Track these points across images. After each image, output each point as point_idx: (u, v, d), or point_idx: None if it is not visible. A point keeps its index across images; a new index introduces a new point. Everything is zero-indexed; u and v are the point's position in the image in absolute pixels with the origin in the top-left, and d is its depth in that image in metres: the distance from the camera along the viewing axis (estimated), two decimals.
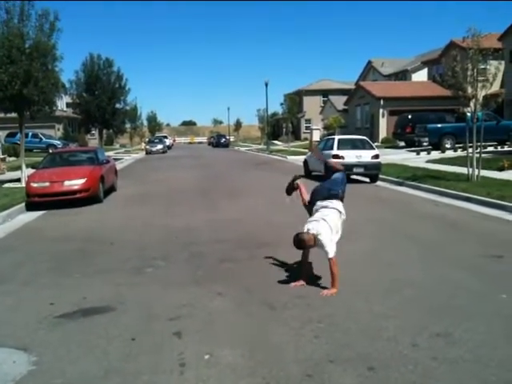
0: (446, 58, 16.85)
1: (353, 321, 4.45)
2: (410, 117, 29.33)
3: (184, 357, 3.85)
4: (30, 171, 14.40)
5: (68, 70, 53.45)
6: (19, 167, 17.65)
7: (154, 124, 77.84)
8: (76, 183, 12.16)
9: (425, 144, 26.21)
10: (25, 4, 15.30)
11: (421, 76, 42.20)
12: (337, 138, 17.35)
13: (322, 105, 55.19)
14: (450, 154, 22.65)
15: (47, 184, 12.06)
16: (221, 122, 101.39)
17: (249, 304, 4.99)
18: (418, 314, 4.60)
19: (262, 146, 49.45)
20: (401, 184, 14.57)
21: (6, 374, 3.68)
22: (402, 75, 45.41)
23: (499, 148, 23.70)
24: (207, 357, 3.84)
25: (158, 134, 66.32)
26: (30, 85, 15.07)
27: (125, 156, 37.83)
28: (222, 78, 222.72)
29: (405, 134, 29.54)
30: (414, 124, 28.11)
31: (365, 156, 15.50)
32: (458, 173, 14.62)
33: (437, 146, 24.93)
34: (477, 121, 13.26)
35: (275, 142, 54.06)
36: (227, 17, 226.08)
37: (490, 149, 22.43)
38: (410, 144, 28.60)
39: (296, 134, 56.66)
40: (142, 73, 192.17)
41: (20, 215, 11.21)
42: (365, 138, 17.70)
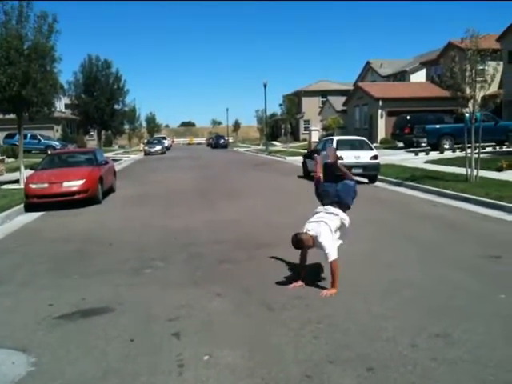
0: (444, 58, 16.93)
1: (352, 321, 4.45)
2: (408, 117, 29.36)
3: (183, 358, 3.85)
4: (29, 172, 14.39)
5: (66, 71, 53.47)
6: (18, 168, 17.65)
7: (152, 125, 77.94)
8: (75, 184, 12.16)
9: (423, 145, 26.20)
10: (23, 6, 15.33)
11: (419, 77, 42.19)
12: (335, 138, 17.38)
13: (321, 105, 55.19)
14: (448, 154, 22.67)
15: (46, 185, 12.06)
16: (220, 123, 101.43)
17: (248, 305, 4.99)
18: (417, 314, 4.60)
19: (261, 146, 49.46)
20: (399, 185, 14.58)
21: (4, 375, 3.68)
22: (401, 76, 45.45)
23: (498, 148, 23.71)
24: (206, 358, 3.83)
25: (156, 135, 66.29)
26: (28, 86, 15.08)
27: (123, 157, 37.82)
28: (221, 79, 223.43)
29: (403, 135, 29.57)
30: (413, 125, 28.11)
31: (363, 157, 15.50)
32: (457, 173, 14.62)
33: (435, 146, 24.94)
34: (475, 121, 13.26)
35: (274, 142, 54.01)
36: (226, 17, 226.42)
37: (489, 149, 22.46)
38: (409, 145, 28.62)
39: (295, 135, 56.69)
40: (141, 74, 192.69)
41: (19, 216, 11.20)
42: (363, 138, 17.72)
